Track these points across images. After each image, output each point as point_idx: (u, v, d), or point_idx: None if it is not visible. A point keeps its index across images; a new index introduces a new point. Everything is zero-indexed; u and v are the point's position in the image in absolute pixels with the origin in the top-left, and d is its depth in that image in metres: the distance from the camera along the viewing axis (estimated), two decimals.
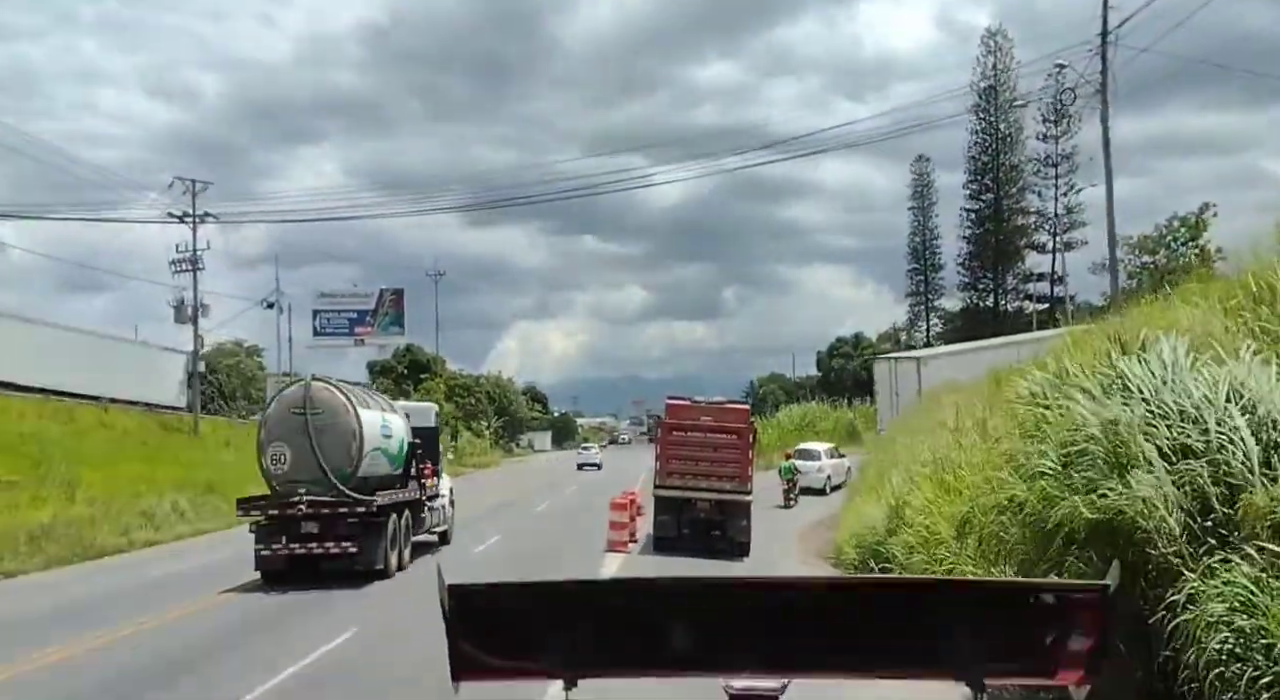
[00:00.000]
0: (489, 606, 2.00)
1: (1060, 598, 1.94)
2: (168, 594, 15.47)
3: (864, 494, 21.30)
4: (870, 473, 23.96)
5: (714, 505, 18.96)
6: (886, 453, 23.29)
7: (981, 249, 66.91)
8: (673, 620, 1.96)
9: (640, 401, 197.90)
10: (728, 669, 1.94)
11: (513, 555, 20.48)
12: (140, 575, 18.04)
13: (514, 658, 2.04)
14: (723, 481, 18.91)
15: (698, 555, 18.55)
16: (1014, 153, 65.25)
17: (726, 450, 19.16)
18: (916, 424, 22.85)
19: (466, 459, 73.58)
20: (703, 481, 18.95)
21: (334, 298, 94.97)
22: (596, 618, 1.99)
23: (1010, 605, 1.96)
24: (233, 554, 18.10)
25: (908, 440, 20.67)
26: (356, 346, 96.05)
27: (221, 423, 50.65)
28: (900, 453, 19.84)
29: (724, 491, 18.87)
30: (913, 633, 1.93)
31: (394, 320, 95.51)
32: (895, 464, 19.01)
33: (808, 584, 2.29)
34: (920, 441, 18.54)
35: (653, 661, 2.04)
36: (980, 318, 68.04)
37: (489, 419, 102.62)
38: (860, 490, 23.09)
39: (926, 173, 73.88)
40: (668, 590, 2.11)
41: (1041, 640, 1.87)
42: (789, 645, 1.95)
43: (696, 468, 19.06)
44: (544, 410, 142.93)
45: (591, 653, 1.97)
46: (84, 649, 11.49)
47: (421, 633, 8.21)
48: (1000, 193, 65.77)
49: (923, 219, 74.16)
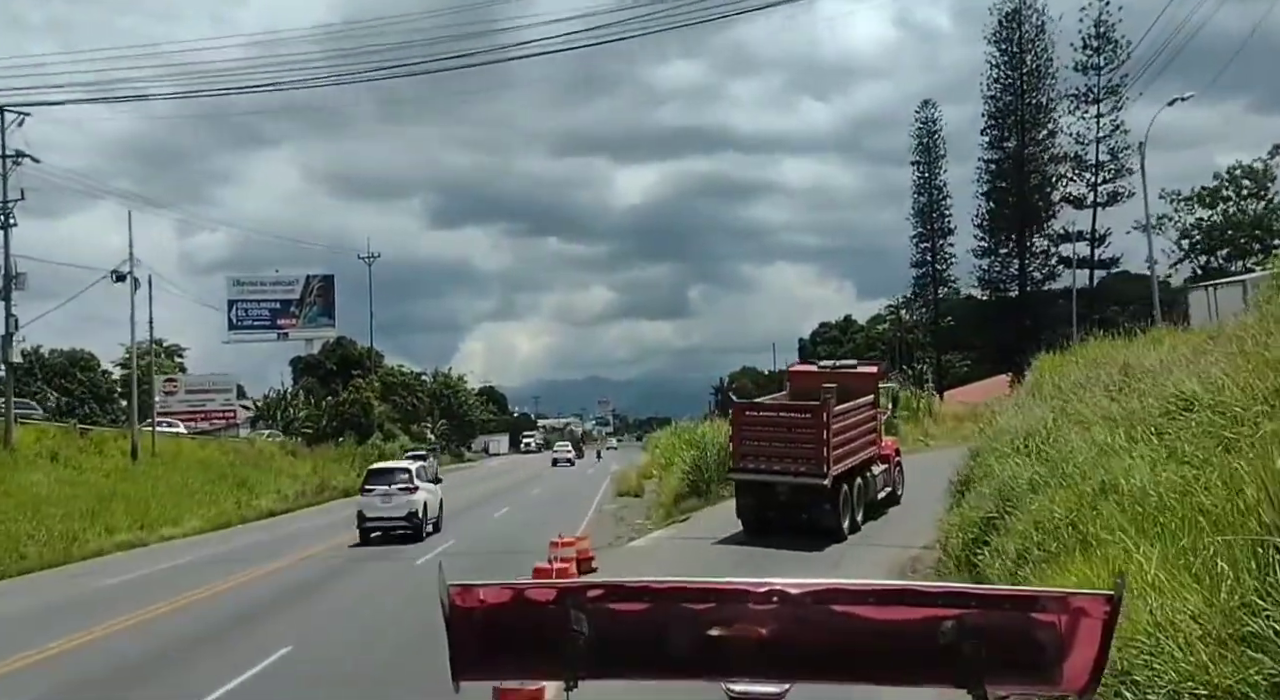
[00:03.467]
0: (490, 606, 1.98)
1: (1066, 606, 1.89)
2: None
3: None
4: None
5: (792, 490, 17.89)
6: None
7: (1002, 206, 56.36)
8: (674, 623, 1.96)
9: (606, 402, 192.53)
10: (729, 673, 1.95)
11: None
12: None
13: (515, 658, 2.05)
14: (797, 464, 17.71)
15: (777, 544, 17.37)
16: (1042, 90, 54.84)
17: (801, 430, 17.82)
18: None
19: None
20: (775, 465, 17.94)
21: (252, 286, 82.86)
22: (598, 619, 1.95)
23: (1014, 613, 1.92)
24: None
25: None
26: (280, 341, 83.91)
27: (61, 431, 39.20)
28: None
29: (798, 475, 17.68)
30: (915, 640, 1.91)
31: (322, 311, 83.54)
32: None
33: (810, 589, 1.95)
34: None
35: (653, 664, 2.06)
36: (1001, 288, 57.60)
37: (433, 421, 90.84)
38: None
39: (933, 119, 63.41)
40: (669, 593, 2.01)
41: (1045, 649, 1.86)
42: (790, 650, 1.94)
43: (770, 449, 18.07)
44: (500, 411, 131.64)
45: (592, 654, 1.95)
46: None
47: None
48: (1025, 138, 55.27)
49: (929, 175, 63.55)
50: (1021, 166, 55.22)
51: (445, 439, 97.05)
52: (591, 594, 2.02)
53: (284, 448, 53.05)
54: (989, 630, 1.87)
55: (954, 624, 1.87)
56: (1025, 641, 1.88)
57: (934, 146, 63.22)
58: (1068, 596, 1.92)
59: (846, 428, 18.25)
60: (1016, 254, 56.60)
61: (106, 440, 41.34)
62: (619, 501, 33.62)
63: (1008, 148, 56.00)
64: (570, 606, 1.96)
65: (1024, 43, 54.23)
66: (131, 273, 42.91)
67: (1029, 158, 55.32)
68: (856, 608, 1.94)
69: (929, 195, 63.73)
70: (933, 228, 63.92)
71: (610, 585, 2.05)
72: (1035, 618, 1.89)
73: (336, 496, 44.02)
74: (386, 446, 62.85)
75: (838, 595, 1.97)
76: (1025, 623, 1.89)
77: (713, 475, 24.40)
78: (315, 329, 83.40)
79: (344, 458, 56.36)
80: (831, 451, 17.43)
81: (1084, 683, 1.84)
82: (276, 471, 45.56)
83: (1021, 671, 1.92)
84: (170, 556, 22.88)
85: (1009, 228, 56.22)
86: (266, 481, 41.78)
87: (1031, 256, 56.37)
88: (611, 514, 28.98)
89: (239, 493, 37.80)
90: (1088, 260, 53.96)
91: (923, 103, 64.47)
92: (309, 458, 52.42)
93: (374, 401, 71.82)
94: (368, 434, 66.79)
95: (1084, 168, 53.30)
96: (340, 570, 19.14)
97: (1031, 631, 1.88)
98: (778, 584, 1.94)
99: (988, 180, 57.03)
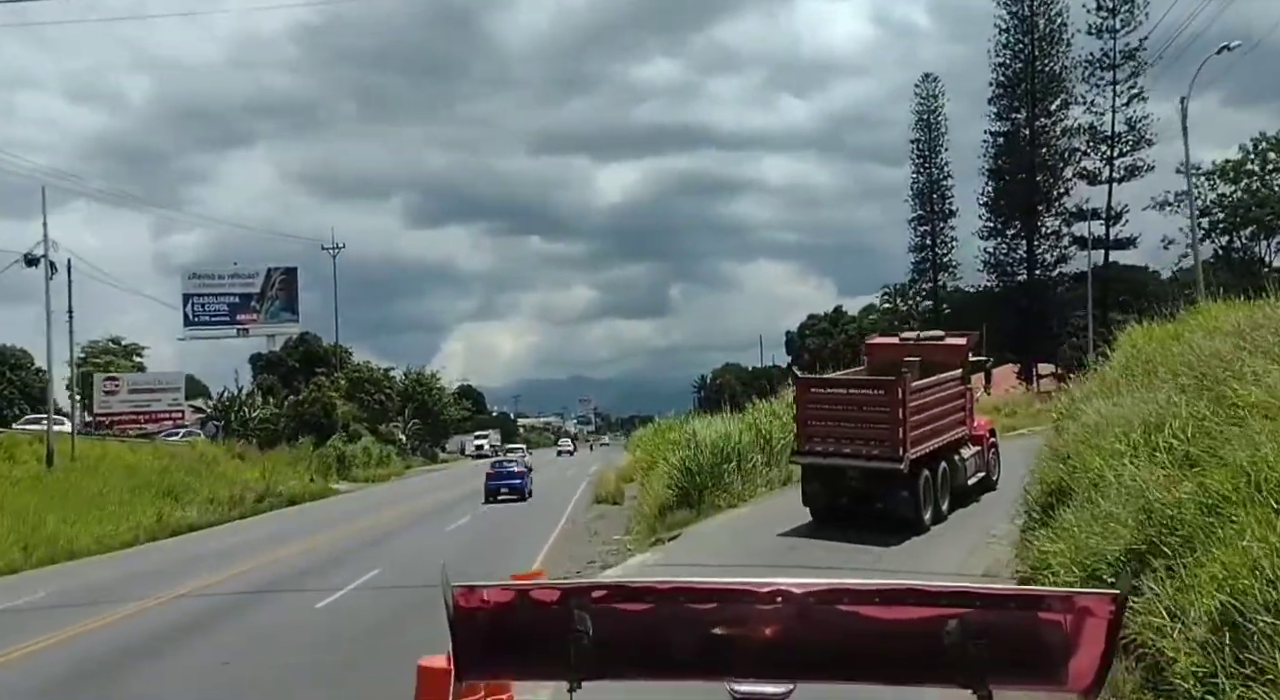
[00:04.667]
0: (494, 607, 1.99)
1: (1071, 606, 1.87)
2: None
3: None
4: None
5: (864, 475, 16.03)
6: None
7: (1011, 183, 52.18)
8: (678, 623, 1.96)
9: (587, 400, 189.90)
10: (733, 673, 1.94)
11: None
12: None
13: (518, 659, 2.05)
14: (869, 447, 15.79)
15: (843, 536, 15.26)
16: (1055, 56, 50.65)
17: (873, 409, 15.95)
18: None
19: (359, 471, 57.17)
20: (845, 447, 16.05)
21: (210, 279, 77.98)
22: (601, 620, 1.94)
23: (1019, 613, 1.91)
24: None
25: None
26: (241, 338, 79.04)
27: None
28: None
29: (871, 459, 15.73)
30: (920, 640, 1.90)
31: (285, 305, 78.78)
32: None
33: (814, 589, 1.95)
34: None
35: (657, 665, 2.05)
36: (1009, 272, 53.48)
37: (404, 420, 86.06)
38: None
39: (935, 94, 59.09)
40: (672, 593, 2.02)
41: (1051, 649, 1.85)
42: (794, 650, 1.94)
43: (839, 430, 16.20)
44: (478, 410, 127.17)
45: (596, 655, 1.93)
46: None
47: None
48: (1036, 109, 51.10)
49: (929, 154, 59.28)
50: (1032, 139, 51.09)
51: (417, 438, 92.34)
52: (595, 594, 2.01)
53: (230, 451, 48.26)
54: (994, 630, 1.84)
55: (958, 624, 1.84)
56: (1030, 641, 1.86)
57: (935, 123, 59.06)
58: (1073, 596, 1.89)
59: (927, 406, 16.40)
60: (1025, 235, 52.44)
61: (19, 444, 36.67)
62: (595, 510, 29.23)
63: (1017, 119, 51.84)
64: (574, 607, 1.96)
65: (1035, 4, 50.06)
66: (46, 257, 38.19)
67: (1040, 130, 51.19)
68: (861, 608, 1.92)
69: (929, 175, 59.57)
70: (933, 210, 59.76)
71: (614, 586, 2.07)
72: (1040, 617, 1.87)
73: (280, 505, 39.42)
74: (348, 448, 58.16)
75: (842, 595, 1.94)
76: (1030, 622, 1.87)
77: (705, 481, 20.01)
78: (277, 324, 78.55)
79: (299, 461, 51.68)
80: (909, 432, 15.60)
81: (1089, 683, 1.82)
82: (217, 477, 40.81)
83: (1026, 671, 1.89)
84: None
85: (1017, 206, 52.04)
86: (200, 489, 37.08)
87: (1041, 237, 52.22)
88: (585, 526, 24.62)
89: (163, 503, 33.12)
90: (1103, 240, 49.84)
91: (924, 76, 59.95)
92: (259, 461, 47.71)
93: (337, 400, 67.00)
94: (330, 434, 62.03)
95: (1099, 140, 49.14)
96: (200, 624, 14.10)
97: (1036, 631, 1.86)
98: (782, 584, 1.92)
99: (995, 155, 52.88)
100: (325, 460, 53.53)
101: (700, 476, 20.29)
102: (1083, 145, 50.14)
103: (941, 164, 59.12)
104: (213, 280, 77.40)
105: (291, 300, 78.99)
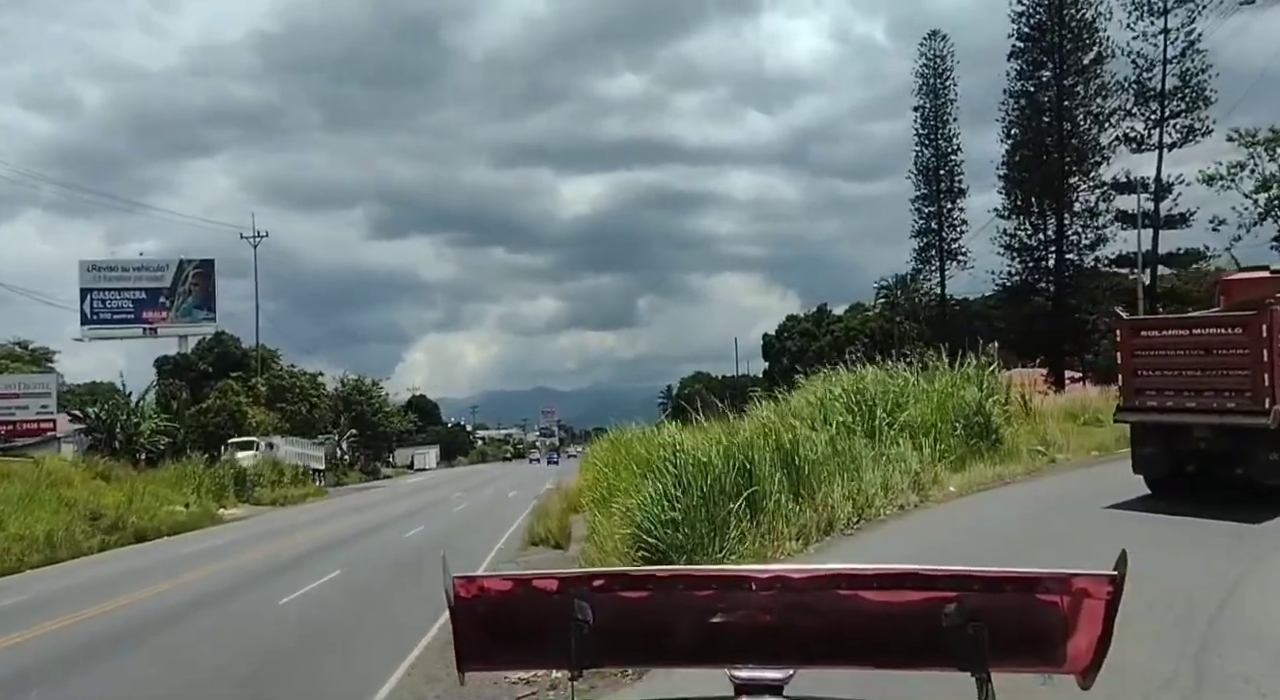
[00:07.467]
0: (493, 597, 1.96)
1: (1068, 588, 1.85)
2: None
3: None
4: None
5: (1216, 433, 13.36)
6: None
7: (1036, 152, 44.31)
8: (678, 610, 1.95)
9: (550, 412, 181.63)
10: (733, 659, 1.93)
11: None
12: None
13: (520, 647, 2.04)
14: (1223, 398, 13.05)
15: (1195, 510, 12.84)
16: (1086, 3, 42.92)
17: (1227, 351, 13.19)
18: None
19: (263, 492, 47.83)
20: (1190, 400, 13.47)
21: (112, 272, 68.40)
22: (601, 608, 1.90)
23: (1017, 595, 1.89)
24: None
25: None
26: (147, 338, 69.47)
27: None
28: None
29: (1225, 413, 13.03)
30: (918, 623, 1.89)
31: (199, 303, 69.42)
32: None
33: (812, 574, 1.93)
34: None
35: (657, 652, 2.07)
36: (1033, 256, 45.58)
37: (340, 432, 76.65)
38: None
39: (941, 54, 51.11)
40: (672, 580, 2.02)
41: (1049, 630, 1.85)
42: (794, 635, 1.94)
43: (1180, 380, 13.64)
44: (428, 422, 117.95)
45: (596, 643, 1.90)
46: None
47: None
48: (1065, 65, 43.32)
49: (935, 121, 51.29)
50: (1060, 100, 43.28)
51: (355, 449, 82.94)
52: (595, 583, 2.00)
53: (92, 469, 38.96)
54: (992, 612, 1.83)
55: (957, 607, 1.85)
56: (1028, 623, 1.86)
57: (942, 88, 51.10)
58: (1070, 578, 1.85)
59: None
60: (1053, 212, 44.56)
61: None
62: (528, 555, 20.59)
63: (1043, 77, 44.03)
64: (573, 595, 1.94)
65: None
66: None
67: (1069, 89, 43.38)
68: (860, 592, 1.92)
69: (934, 147, 51.56)
70: (939, 188, 51.78)
71: (613, 573, 2.06)
72: (1038, 599, 1.87)
73: (126, 542, 30.26)
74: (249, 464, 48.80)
75: (840, 580, 1.93)
76: (1028, 604, 1.87)
77: (698, 533, 11.36)
78: (191, 324, 69.13)
79: (185, 480, 42.32)
80: (1277, 377, 12.79)
81: (1087, 664, 1.83)
82: (56, 503, 31.55)
83: (1024, 653, 1.89)
84: None
85: (1043, 180, 44.18)
86: (14, 521, 27.89)
87: (1073, 215, 44.35)
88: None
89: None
90: (1151, 216, 42.02)
91: (930, 33, 51.92)
92: (128, 481, 38.46)
93: (248, 408, 57.60)
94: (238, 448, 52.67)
95: (1146, 98, 41.40)
96: None
97: (1034, 613, 1.86)
98: (781, 569, 1.93)
99: (1016, 119, 44.99)
100: (219, 479, 44.26)
101: (691, 514, 11.71)
102: (1125, 104, 42.37)
103: (950, 135, 51.20)
104: (115, 272, 67.92)
105: (208, 297, 69.54)
